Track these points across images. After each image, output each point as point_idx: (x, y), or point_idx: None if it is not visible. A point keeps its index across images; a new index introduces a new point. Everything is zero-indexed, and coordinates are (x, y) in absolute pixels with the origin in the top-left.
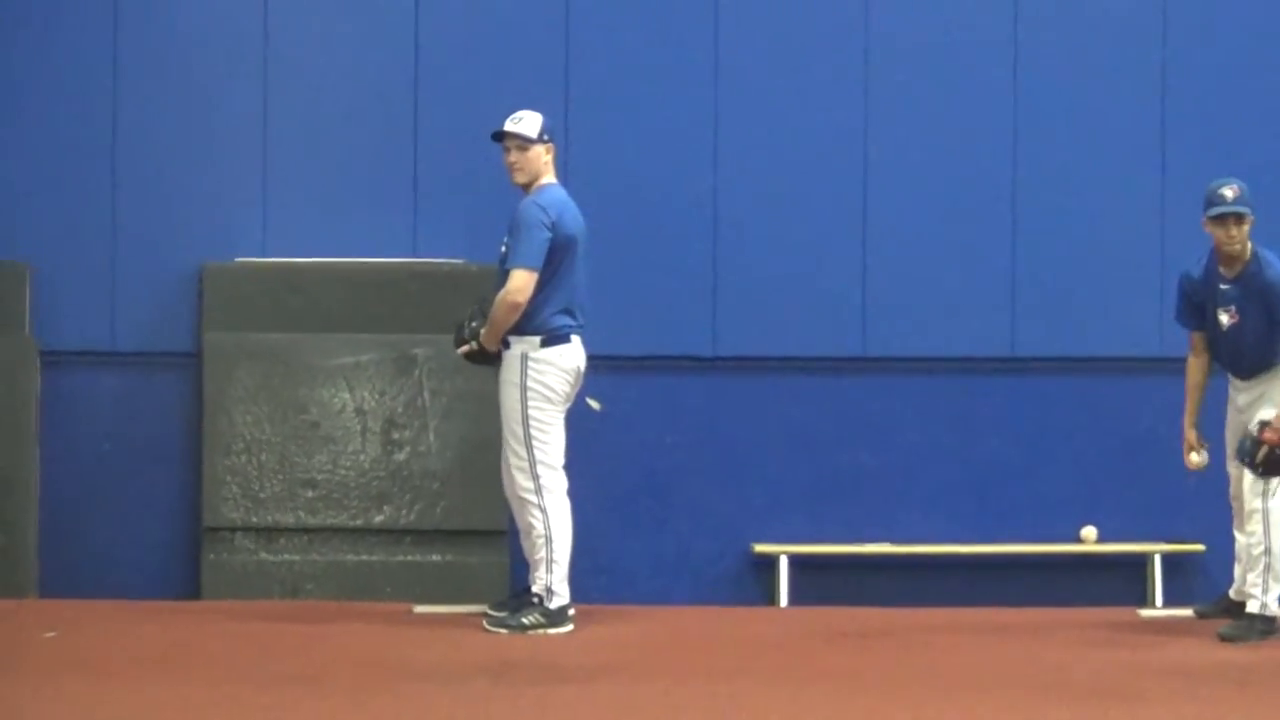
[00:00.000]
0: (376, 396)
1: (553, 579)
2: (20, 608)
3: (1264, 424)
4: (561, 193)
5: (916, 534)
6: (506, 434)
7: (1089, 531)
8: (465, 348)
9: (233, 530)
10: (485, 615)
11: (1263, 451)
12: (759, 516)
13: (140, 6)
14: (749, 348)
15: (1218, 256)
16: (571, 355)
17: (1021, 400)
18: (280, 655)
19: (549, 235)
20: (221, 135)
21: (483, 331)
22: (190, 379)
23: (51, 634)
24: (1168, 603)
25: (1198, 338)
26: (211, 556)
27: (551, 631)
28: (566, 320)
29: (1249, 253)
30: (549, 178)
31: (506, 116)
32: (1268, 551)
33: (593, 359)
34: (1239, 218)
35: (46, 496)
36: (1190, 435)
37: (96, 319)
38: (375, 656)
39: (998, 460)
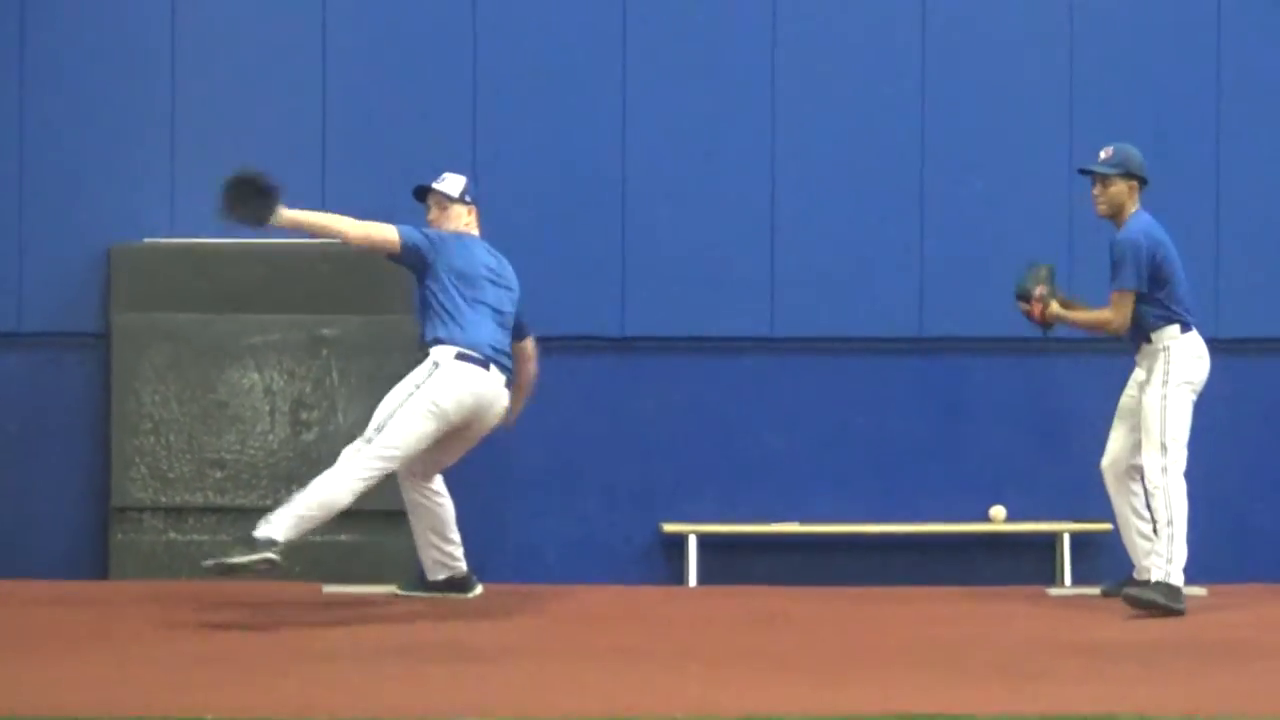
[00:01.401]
0: (285, 377)
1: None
2: None
3: (1041, 297)
4: (475, 242)
5: (825, 514)
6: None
7: (998, 511)
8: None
9: (141, 510)
10: (395, 595)
11: (1024, 307)
12: (668, 496)
13: None
14: (658, 328)
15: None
16: (471, 381)
17: (930, 381)
18: (188, 635)
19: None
20: (128, 113)
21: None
22: (98, 360)
23: None
24: (1076, 582)
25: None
26: (120, 537)
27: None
28: (486, 342)
29: (1125, 215)
30: (470, 231)
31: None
32: (1170, 523)
33: None
34: (1102, 179)
35: None
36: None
37: (2, 300)
38: (284, 637)
39: (907, 441)
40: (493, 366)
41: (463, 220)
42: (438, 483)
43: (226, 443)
